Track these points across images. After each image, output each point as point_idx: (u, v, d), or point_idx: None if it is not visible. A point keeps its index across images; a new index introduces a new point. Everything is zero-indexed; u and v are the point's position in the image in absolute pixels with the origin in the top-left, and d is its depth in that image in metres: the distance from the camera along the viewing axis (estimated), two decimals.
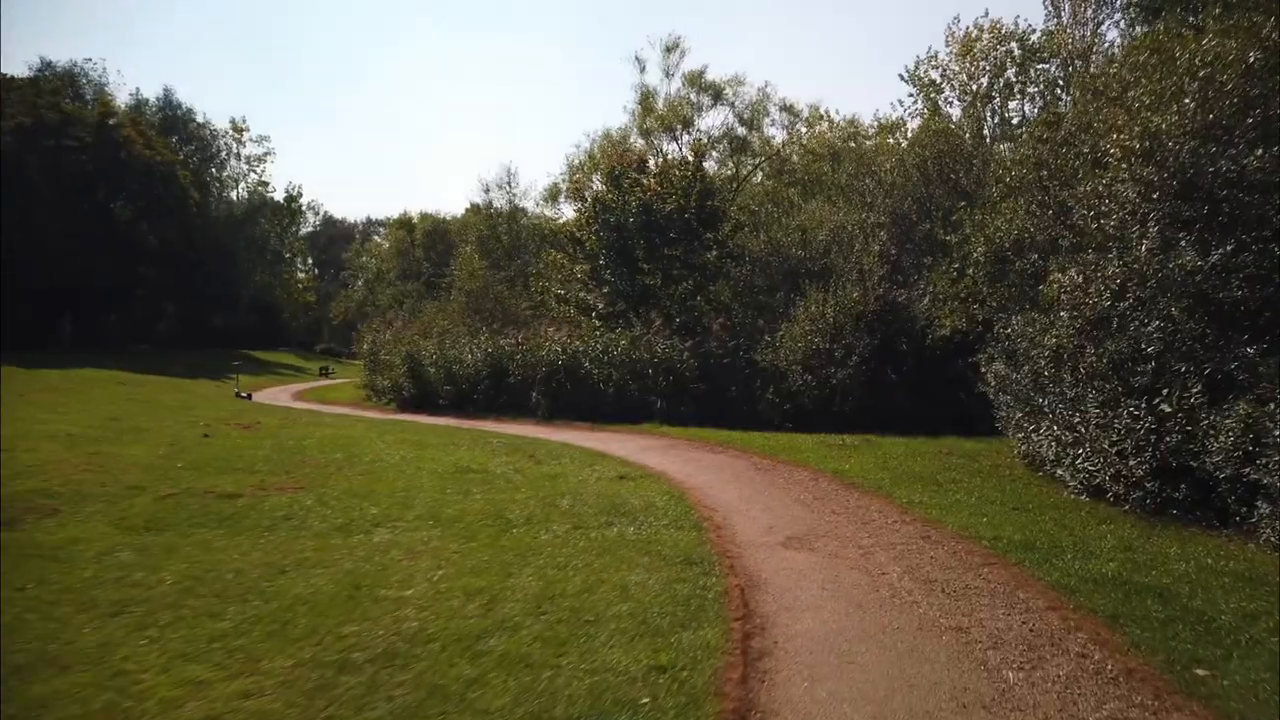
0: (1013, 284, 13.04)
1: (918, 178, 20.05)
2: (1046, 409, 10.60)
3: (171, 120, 56.71)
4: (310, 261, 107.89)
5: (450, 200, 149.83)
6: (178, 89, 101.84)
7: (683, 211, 23.25)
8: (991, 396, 13.36)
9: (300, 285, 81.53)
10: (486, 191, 43.46)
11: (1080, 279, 10.13)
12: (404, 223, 78.36)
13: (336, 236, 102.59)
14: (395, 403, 25.32)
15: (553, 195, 38.77)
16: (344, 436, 15.25)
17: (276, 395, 32.50)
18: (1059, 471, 10.23)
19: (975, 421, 15.85)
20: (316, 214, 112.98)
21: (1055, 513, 8.66)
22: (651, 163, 26.08)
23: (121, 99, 54.72)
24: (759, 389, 18.91)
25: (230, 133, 65.06)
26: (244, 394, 29.96)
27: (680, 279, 24.45)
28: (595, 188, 24.23)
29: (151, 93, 60.53)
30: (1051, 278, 10.89)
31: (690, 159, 24.68)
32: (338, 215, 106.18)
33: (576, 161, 37.27)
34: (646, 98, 38.36)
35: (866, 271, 18.76)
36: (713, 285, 24.97)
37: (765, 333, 19.49)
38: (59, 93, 43.82)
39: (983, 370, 13.73)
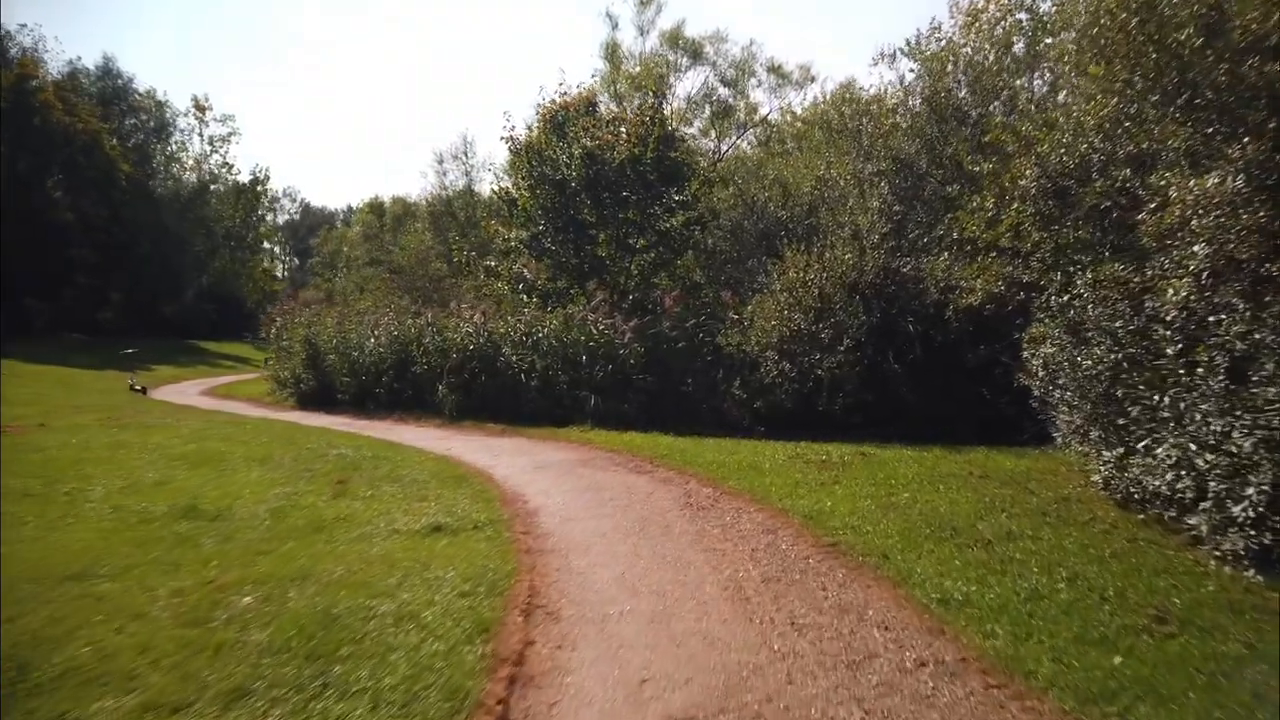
0: (1081, 223, 8.65)
1: (928, 115, 15.58)
2: (1167, 413, 6.21)
3: (112, 91, 52.08)
4: (287, 250, 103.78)
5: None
6: (151, 72, 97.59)
7: (637, 162, 18.81)
8: (1038, 391, 9.10)
9: (265, 272, 77.15)
10: (440, 163, 38.92)
11: (1238, 182, 5.73)
12: (374, 206, 74.23)
13: (316, 225, 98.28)
14: (295, 397, 20.88)
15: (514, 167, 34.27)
16: (125, 445, 10.91)
17: (185, 389, 28.09)
18: (1192, 520, 5.88)
19: (1006, 427, 11.65)
20: (294, 201, 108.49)
21: (1248, 630, 4.28)
22: (603, 108, 21.58)
23: (57, 68, 50.32)
24: (722, 381, 14.54)
25: (192, 111, 60.75)
26: (139, 388, 25.54)
27: (639, 250, 20.07)
28: (530, 133, 19.75)
29: (92, 62, 55.45)
30: (1171, 193, 6.50)
31: (650, 98, 20.18)
32: (319, 203, 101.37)
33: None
34: (614, 52, 33.92)
35: (863, 230, 14.38)
36: (679, 259, 20.60)
37: (733, 310, 15.10)
38: None
39: (1026, 355, 9.45)
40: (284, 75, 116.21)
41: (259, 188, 68.39)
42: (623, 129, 19.37)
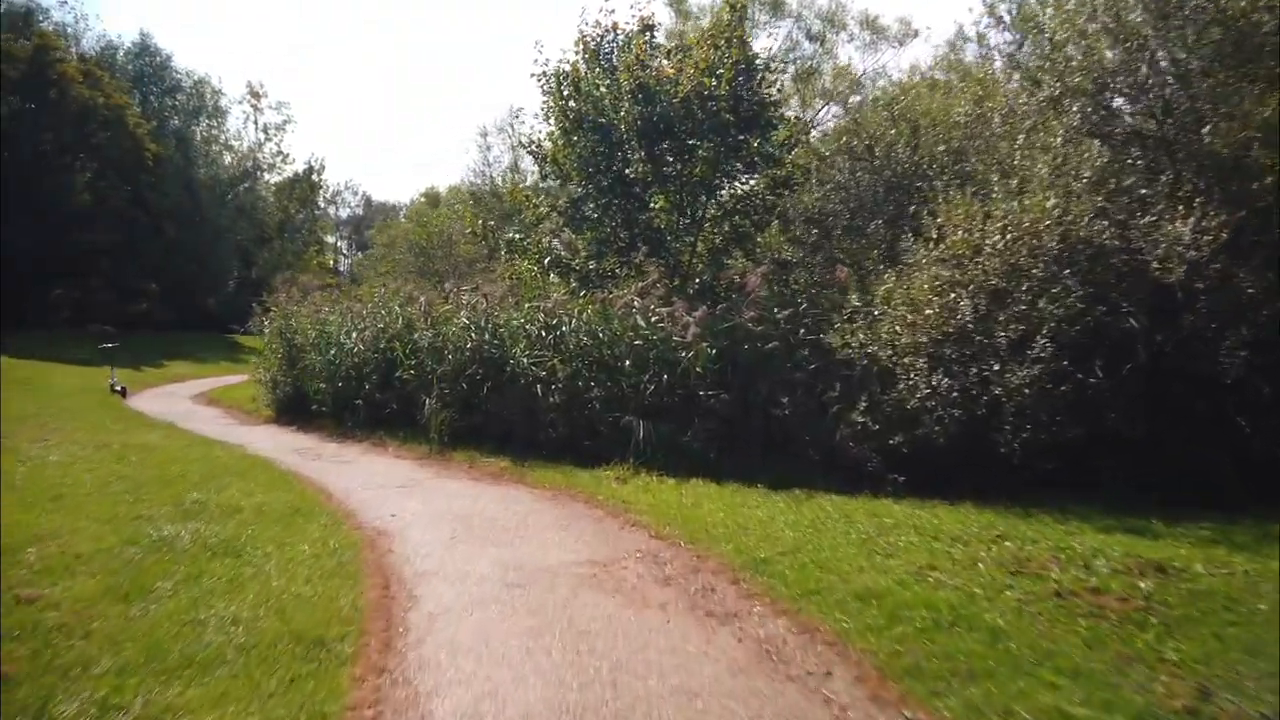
0: None
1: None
2: None
3: (150, 70, 49.20)
4: (351, 245, 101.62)
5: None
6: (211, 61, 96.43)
7: (707, 99, 13.85)
8: None
9: (320, 265, 74.58)
10: (484, 136, 34.45)
11: None
12: (430, 196, 71.11)
13: (379, 219, 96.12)
14: (274, 405, 16.54)
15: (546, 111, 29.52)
16: None
17: (180, 391, 24.23)
18: None
19: None
20: (356, 195, 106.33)
21: None
22: (661, 35, 16.56)
23: (93, 45, 47.65)
24: (836, 402, 9.57)
25: (247, 98, 57.95)
26: (119, 388, 21.67)
27: (709, 219, 15.18)
28: (562, 66, 14.85)
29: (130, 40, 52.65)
30: None
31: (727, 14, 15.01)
32: (382, 198, 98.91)
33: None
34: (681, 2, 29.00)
35: (1060, 172, 9.18)
36: (760, 233, 15.60)
37: (852, 293, 10.01)
38: None
39: None
40: (346, 64, 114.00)
41: (314, 177, 65.91)
42: (688, 58, 14.43)
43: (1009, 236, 8.44)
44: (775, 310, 10.39)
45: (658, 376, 10.13)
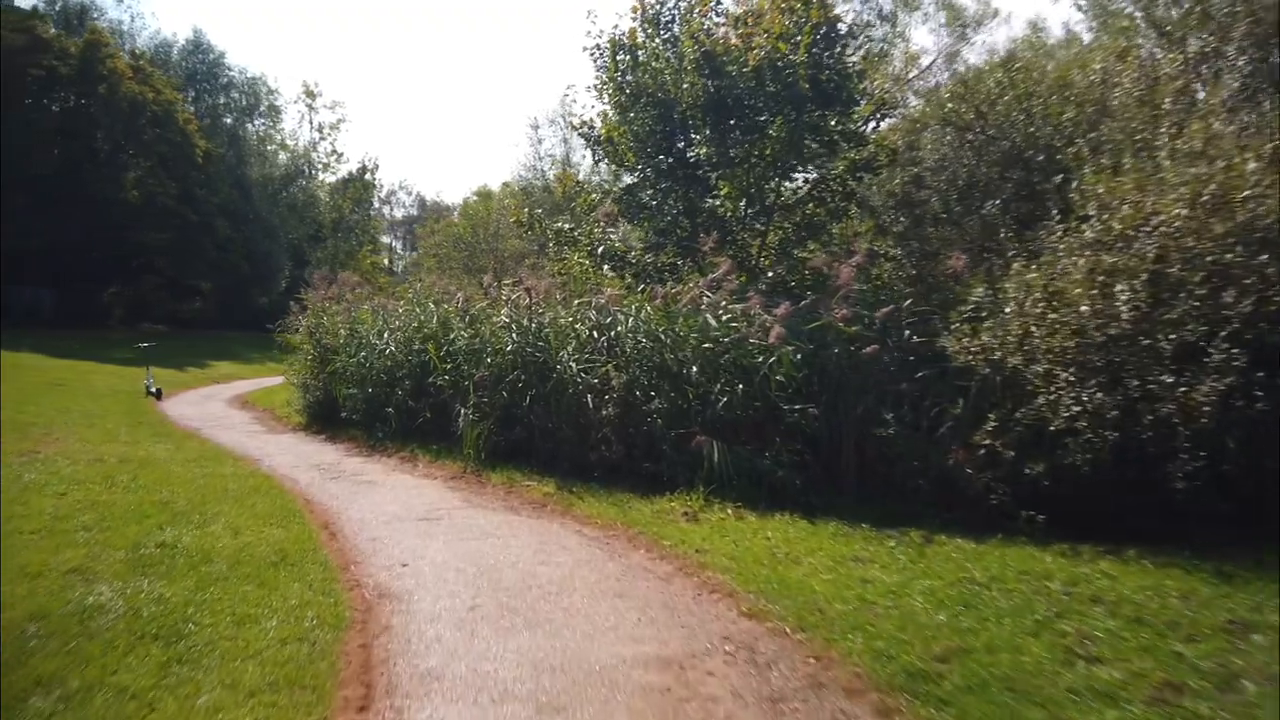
0: None
1: None
2: None
3: (203, 67, 49.03)
4: (407, 245, 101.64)
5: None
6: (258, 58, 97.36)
7: (781, 70, 12.13)
8: None
9: (374, 264, 74.52)
10: (535, 129, 33.07)
11: None
12: (482, 194, 70.36)
13: (431, 219, 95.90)
14: (304, 411, 15.27)
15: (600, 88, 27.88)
16: None
17: (215, 393, 23.31)
18: None
19: None
20: (410, 195, 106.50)
21: None
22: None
23: (145, 43, 47.68)
24: (953, 419, 7.80)
25: (302, 97, 57.91)
26: (154, 390, 20.74)
27: (781, 206, 13.51)
28: (619, 35, 13.21)
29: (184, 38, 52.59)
30: None
31: None
32: (435, 197, 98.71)
33: None
34: None
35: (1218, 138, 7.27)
36: (833, 223, 13.84)
37: (975, 286, 8.22)
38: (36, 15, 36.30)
39: None
40: (400, 62, 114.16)
41: (367, 176, 65.73)
42: (760, 24, 12.72)
43: (1186, 212, 6.58)
44: (876, 307, 8.62)
45: (730, 386, 8.47)
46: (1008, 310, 7.57)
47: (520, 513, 7.51)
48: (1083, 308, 6.75)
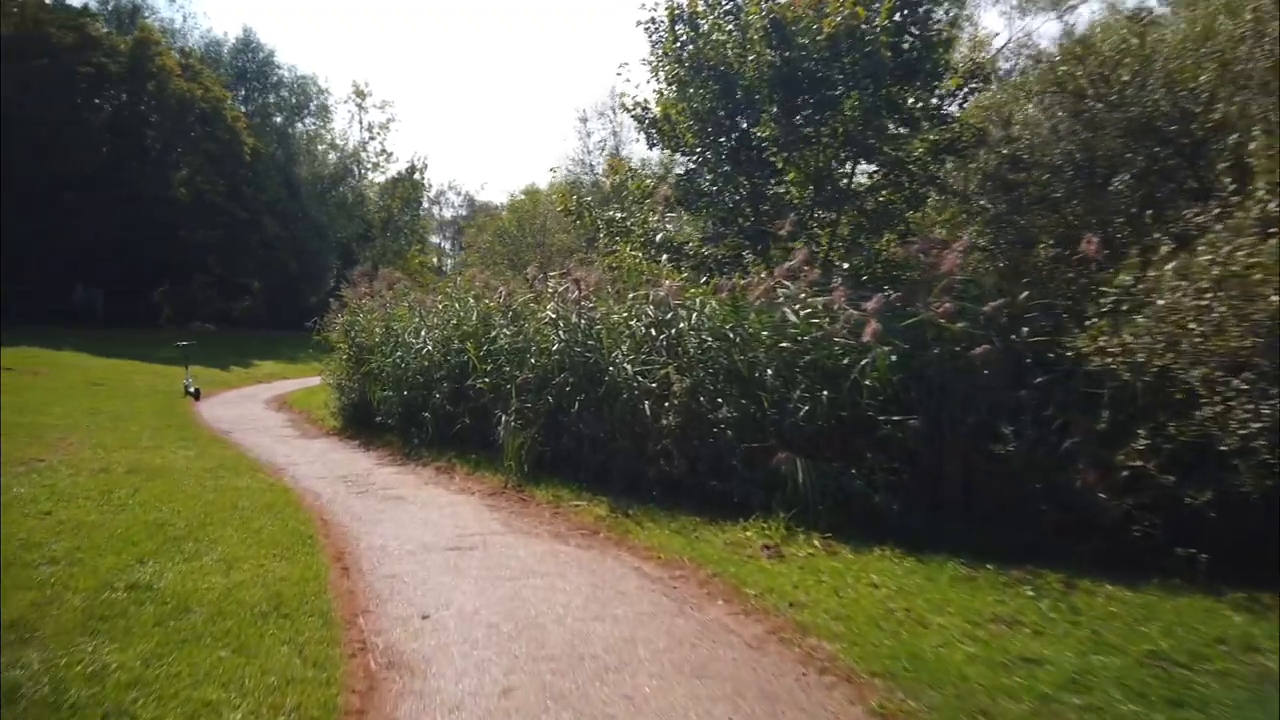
0: None
1: None
2: None
3: (253, 66, 49.00)
4: (456, 246, 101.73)
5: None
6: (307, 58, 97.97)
7: (859, 40, 10.83)
8: None
9: (422, 264, 74.52)
10: (584, 121, 32.06)
11: None
12: (530, 192, 69.76)
13: (479, 216, 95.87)
14: (340, 414, 14.37)
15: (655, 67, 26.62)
16: None
17: (255, 394, 22.70)
18: None
19: None
20: (459, 195, 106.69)
21: None
22: None
23: (195, 42, 47.80)
24: (1086, 437, 6.47)
25: (352, 97, 57.80)
26: (193, 390, 20.15)
27: (854, 193, 12.29)
28: (674, 1, 12.02)
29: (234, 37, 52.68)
30: None
31: None
32: (479, 191, 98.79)
33: None
34: None
35: None
36: (913, 211, 12.51)
37: (1119, 272, 6.85)
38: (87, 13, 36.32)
39: None
40: (450, 62, 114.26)
41: (416, 176, 65.52)
42: None
43: None
44: (984, 301, 7.30)
45: (812, 393, 7.23)
46: (1160, 302, 6.21)
47: (568, 541, 6.38)
48: (1272, 298, 5.38)
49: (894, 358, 7.07)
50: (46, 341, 25.75)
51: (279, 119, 49.67)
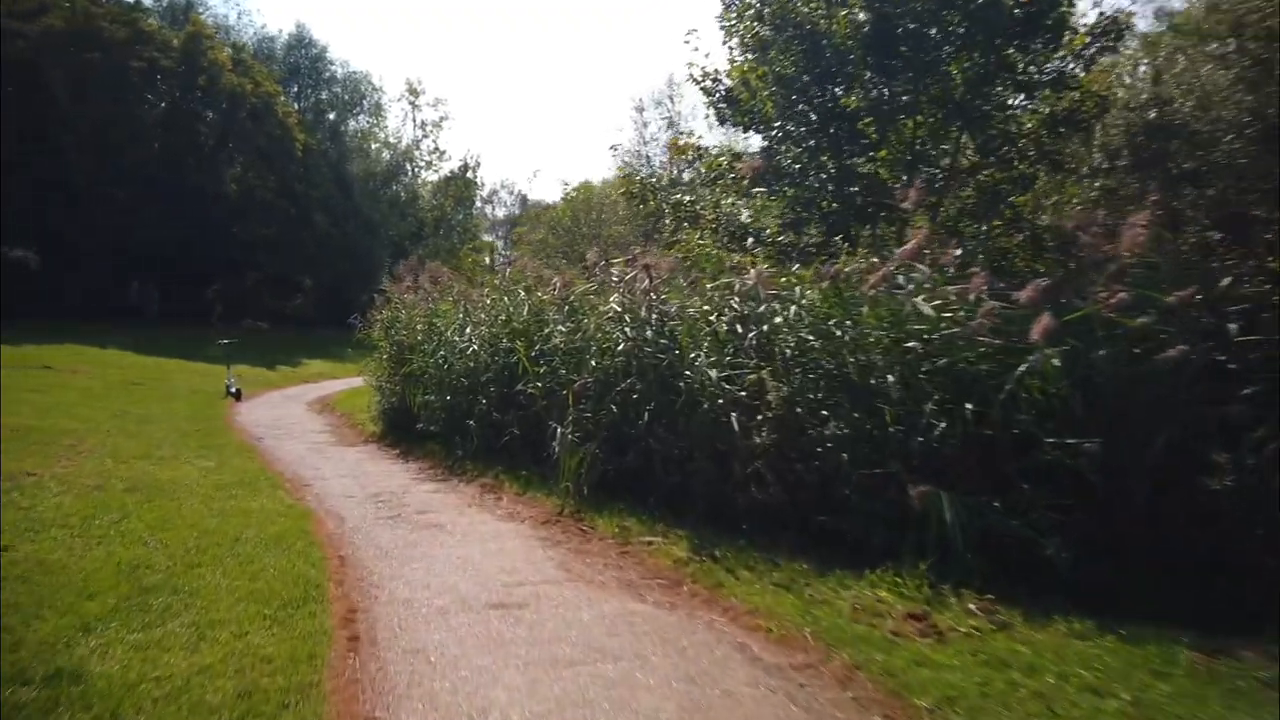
0: None
1: None
2: None
3: (307, 62, 48.70)
4: (508, 244, 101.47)
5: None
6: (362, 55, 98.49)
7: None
8: None
9: (474, 262, 74.09)
10: (640, 111, 30.73)
11: None
12: (585, 188, 68.70)
13: (531, 213, 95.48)
14: (381, 420, 13.20)
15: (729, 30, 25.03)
16: None
17: (299, 395, 21.79)
18: None
19: None
20: (512, 194, 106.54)
21: None
22: None
23: (248, 38, 47.65)
24: None
25: (405, 95, 57.42)
26: (234, 390, 19.31)
27: (963, 171, 10.79)
28: None
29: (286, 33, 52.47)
30: None
31: None
32: (536, 196, 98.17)
33: None
34: None
35: None
36: (1022, 192, 10.89)
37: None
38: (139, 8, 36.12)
39: None
40: (505, 60, 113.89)
41: (469, 174, 64.95)
42: None
43: None
44: (1167, 291, 5.69)
45: (950, 406, 5.69)
46: None
47: (644, 596, 4.97)
48: None
49: (1055, 362, 5.51)
50: (93, 339, 25.26)
51: (331, 116, 49.33)
